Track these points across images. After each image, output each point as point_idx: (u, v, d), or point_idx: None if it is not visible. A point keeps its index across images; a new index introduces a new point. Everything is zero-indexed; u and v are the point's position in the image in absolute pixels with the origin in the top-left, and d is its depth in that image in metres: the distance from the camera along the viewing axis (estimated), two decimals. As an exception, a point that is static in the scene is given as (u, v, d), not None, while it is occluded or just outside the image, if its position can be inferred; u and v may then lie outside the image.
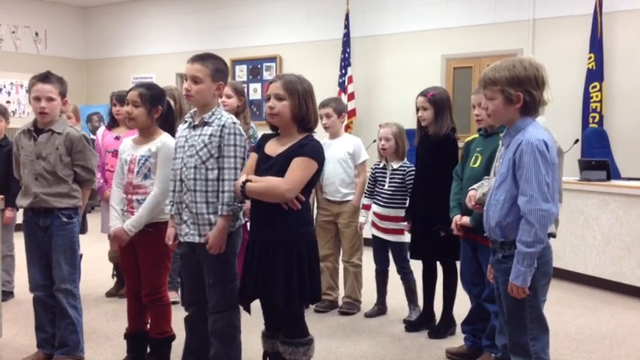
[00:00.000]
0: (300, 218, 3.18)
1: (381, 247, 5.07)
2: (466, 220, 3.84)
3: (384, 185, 4.96)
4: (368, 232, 5.22)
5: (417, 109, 4.51)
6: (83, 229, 5.33)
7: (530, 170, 2.67)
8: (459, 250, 4.36)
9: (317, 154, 3.15)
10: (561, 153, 3.81)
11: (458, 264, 4.50)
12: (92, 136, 6.24)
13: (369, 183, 5.11)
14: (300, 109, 3.15)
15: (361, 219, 5.09)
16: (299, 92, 3.15)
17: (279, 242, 3.13)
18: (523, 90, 2.74)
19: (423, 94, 4.49)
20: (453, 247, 4.43)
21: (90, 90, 12.97)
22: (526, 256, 2.68)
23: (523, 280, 2.70)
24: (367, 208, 5.09)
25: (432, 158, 4.47)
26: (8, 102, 11.32)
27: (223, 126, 3.26)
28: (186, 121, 3.43)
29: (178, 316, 3.72)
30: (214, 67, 3.32)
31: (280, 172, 3.08)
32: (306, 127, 3.21)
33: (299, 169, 3.07)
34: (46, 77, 3.77)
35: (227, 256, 3.31)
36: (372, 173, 5.10)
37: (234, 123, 3.29)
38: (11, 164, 3.98)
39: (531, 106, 2.78)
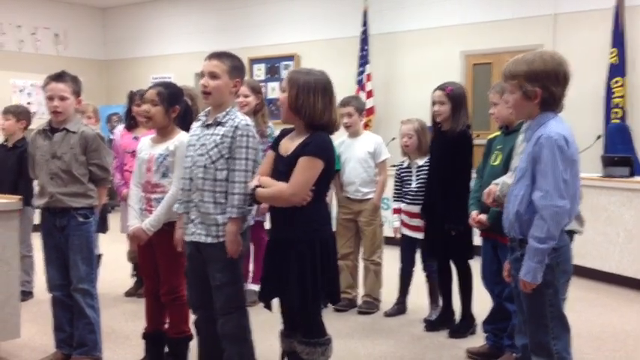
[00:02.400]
0: (316, 216, 3.14)
1: (408, 247, 5.01)
2: (483, 217, 3.80)
3: (411, 184, 4.89)
4: (387, 230, 5.17)
5: (433, 103, 4.46)
6: (104, 229, 5.34)
7: (548, 165, 2.62)
8: (472, 248, 4.32)
9: (320, 150, 3.06)
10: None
11: (471, 262, 4.47)
12: (112, 137, 6.22)
13: (395, 185, 5.05)
14: (297, 100, 3.07)
15: (395, 224, 5.02)
16: (299, 83, 3.08)
17: (293, 241, 3.09)
18: (541, 85, 2.68)
19: (441, 88, 4.44)
20: (465, 246, 4.39)
21: (109, 90, 13.04)
22: (537, 252, 2.64)
23: (533, 276, 2.66)
24: (398, 212, 5.01)
25: (447, 156, 4.42)
26: (29, 103, 11.37)
27: (236, 127, 3.23)
28: (199, 120, 3.41)
29: (196, 316, 3.70)
30: (232, 64, 3.30)
31: (289, 173, 3.05)
32: (312, 124, 3.10)
33: (302, 170, 3.02)
34: (59, 76, 3.77)
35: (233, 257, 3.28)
36: (398, 174, 5.02)
37: (248, 125, 3.26)
38: (23, 166, 3.98)
39: (550, 102, 2.71)
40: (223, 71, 3.26)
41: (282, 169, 3.11)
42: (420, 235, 4.86)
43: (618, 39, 7.78)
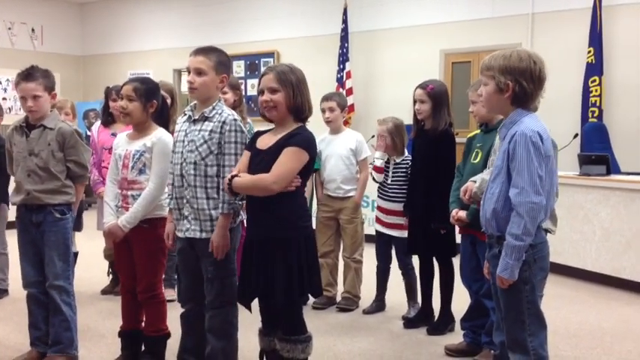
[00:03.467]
0: (298, 213, 3.13)
1: (384, 244, 5.02)
2: (462, 214, 3.81)
3: (387, 180, 4.90)
4: (368, 228, 5.17)
5: (415, 102, 4.47)
6: (79, 227, 5.28)
7: (523, 162, 2.63)
8: (455, 246, 4.32)
9: (307, 143, 3.07)
10: (555, 147, 3.77)
11: (454, 260, 4.48)
12: (89, 133, 6.15)
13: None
14: (295, 100, 3.08)
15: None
16: (292, 82, 3.08)
17: (277, 239, 3.07)
18: (513, 79, 2.69)
19: (422, 86, 4.44)
20: (449, 243, 4.40)
21: (87, 86, 12.92)
22: (514, 249, 2.65)
23: (511, 273, 2.68)
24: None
25: (430, 154, 4.41)
26: (5, 99, 11.27)
27: (224, 122, 3.22)
28: (185, 114, 3.38)
29: (174, 314, 3.67)
30: (218, 59, 3.28)
31: (270, 165, 3.01)
32: (300, 117, 3.15)
33: (287, 159, 3.00)
34: (28, 75, 3.69)
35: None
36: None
37: (235, 119, 3.25)
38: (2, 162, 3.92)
39: (522, 98, 2.72)
40: (209, 67, 3.24)
41: (259, 161, 3.08)
42: (395, 233, 4.88)
43: (595, 38, 7.85)
